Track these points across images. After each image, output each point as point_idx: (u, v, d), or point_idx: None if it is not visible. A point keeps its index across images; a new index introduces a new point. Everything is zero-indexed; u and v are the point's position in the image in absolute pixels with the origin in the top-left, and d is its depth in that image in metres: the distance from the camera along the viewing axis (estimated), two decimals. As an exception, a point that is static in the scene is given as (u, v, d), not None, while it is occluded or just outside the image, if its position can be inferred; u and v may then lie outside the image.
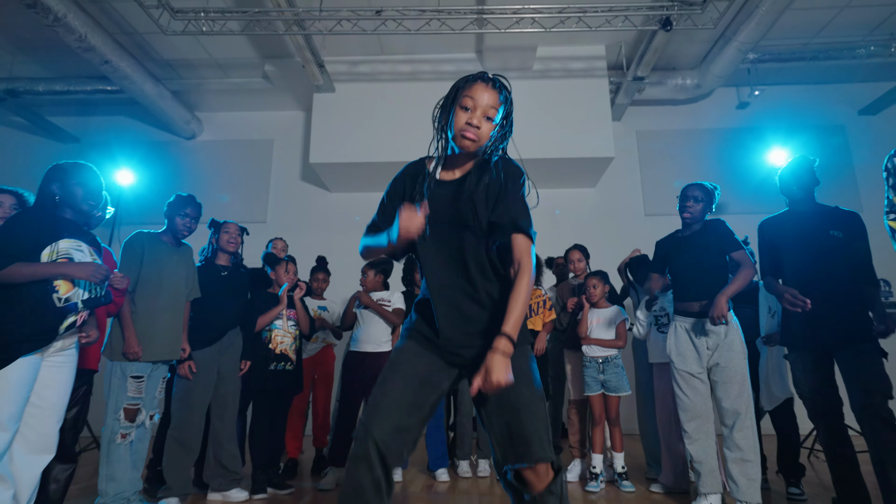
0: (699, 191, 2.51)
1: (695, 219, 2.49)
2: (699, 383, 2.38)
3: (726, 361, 2.31)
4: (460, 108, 1.30)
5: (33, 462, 1.70)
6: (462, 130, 1.29)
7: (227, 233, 2.89)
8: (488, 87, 1.30)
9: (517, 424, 1.19)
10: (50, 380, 1.73)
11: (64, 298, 1.71)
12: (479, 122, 1.28)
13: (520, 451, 1.18)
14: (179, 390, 2.62)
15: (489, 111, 1.29)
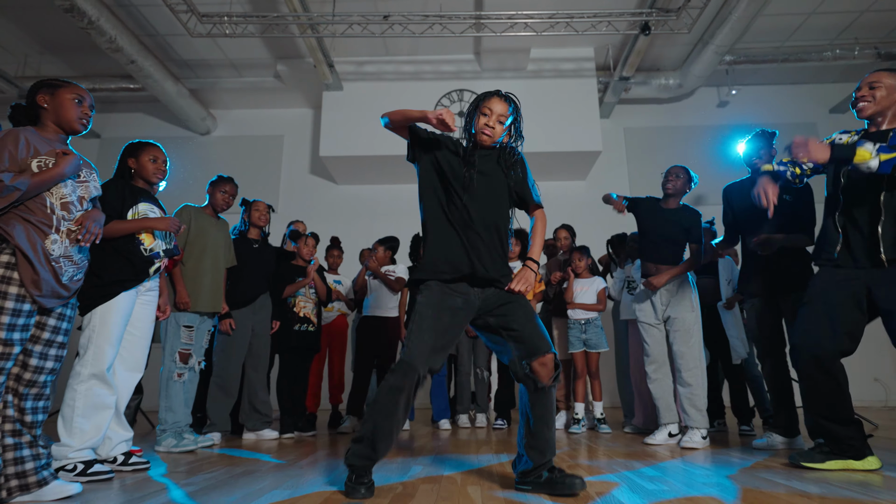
0: (682, 170, 2.96)
1: (676, 190, 2.92)
2: (657, 332, 2.84)
3: (677, 314, 2.76)
4: (481, 114, 1.78)
5: (129, 378, 2.14)
6: (481, 129, 1.77)
7: (258, 210, 3.33)
8: (501, 100, 1.78)
9: (530, 329, 1.66)
10: (141, 313, 2.16)
11: (149, 249, 2.14)
12: (493, 124, 1.75)
13: (534, 347, 1.63)
14: (220, 343, 3.05)
15: (501, 118, 1.76)
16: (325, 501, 1.52)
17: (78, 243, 1.67)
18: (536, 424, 1.66)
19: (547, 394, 1.66)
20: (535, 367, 1.63)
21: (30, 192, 1.57)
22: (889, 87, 2.00)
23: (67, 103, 1.75)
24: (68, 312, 1.70)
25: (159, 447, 2.59)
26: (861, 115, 2.07)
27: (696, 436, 2.58)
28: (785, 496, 1.56)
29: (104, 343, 1.93)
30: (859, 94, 2.06)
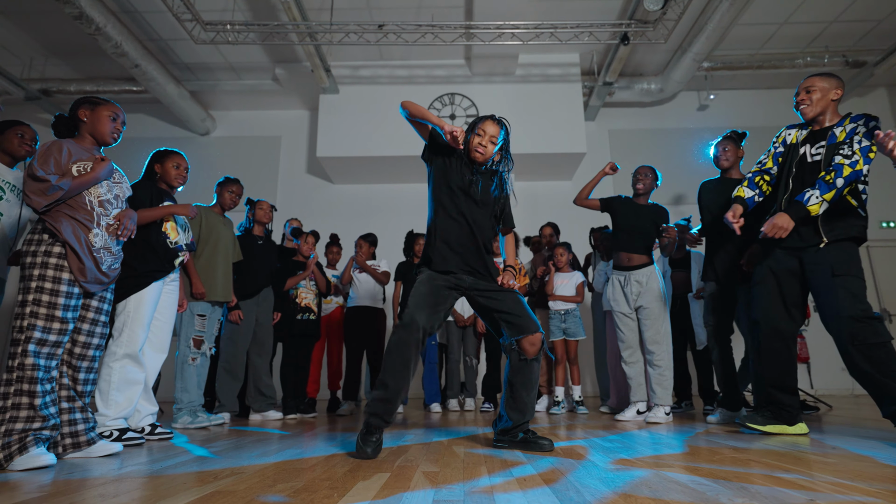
0: (649, 170, 3.26)
1: (646, 189, 3.22)
2: (629, 321, 3.14)
3: (646, 303, 3.06)
4: (475, 135, 2.04)
5: (156, 358, 2.42)
6: (475, 148, 2.03)
7: (262, 209, 3.60)
8: (494, 123, 2.05)
9: (518, 310, 1.95)
10: (166, 301, 2.44)
11: (174, 242, 2.42)
12: (486, 143, 2.02)
13: (522, 326, 1.92)
14: (227, 332, 3.32)
15: (493, 139, 2.03)
16: (329, 458, 1.79)
17: (117, 237, 1.94)
18: (518, 389, 1.94)
19: (530, 365, 1.94)
20: (523, 345, 1.92)
21: (71, 191, 1.83)
22: (822, 89, 2.31)
23: (104, 119, 2.01)
24: (108, 296, 1.97)
25: (176, 424, 2.86)
26: (805, 117, 2.37)
27: (660, 412, 2.89)
28: (726, 451, 1.86)
29: (137, 327, 2.20)
30: (799, 99, 2.36)
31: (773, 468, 1.48)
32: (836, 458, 1.65)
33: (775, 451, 1.81)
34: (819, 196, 2.15)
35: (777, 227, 2.20)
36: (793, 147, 2.39)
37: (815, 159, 2.29)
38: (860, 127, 2.21)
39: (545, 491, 1.22)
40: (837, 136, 2.25)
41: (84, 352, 1.86)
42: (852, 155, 2.14)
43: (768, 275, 2.34)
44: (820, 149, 2.29)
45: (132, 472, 1.53)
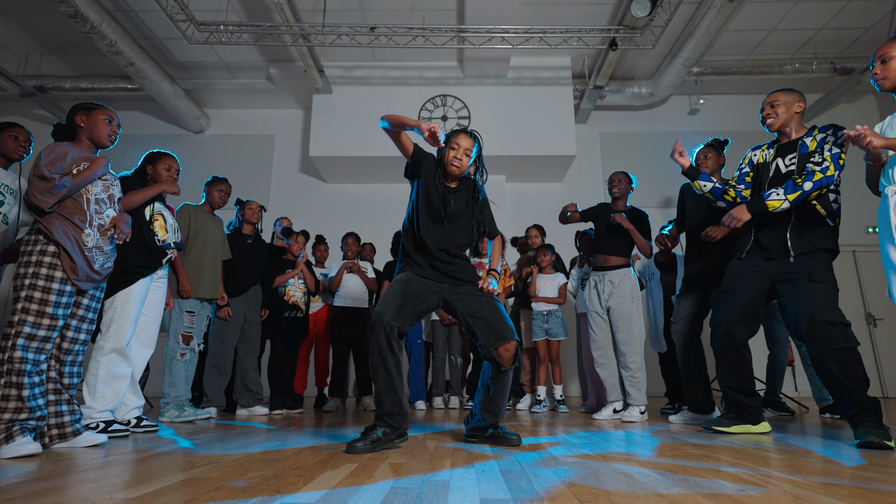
0: (623, 175, 3.34)
1: (621, 192, 3.31)
2: (601, 321, 3.22)
3: (617, 304, 3.14)
4: (450, 149, 2.11)
5: (143, 353, 2.50)
6: (450, 162, 2.10)
7: (251, 209, 3.67)
8: (467, 136, 2.11)
9: (496, 319, 2.01)
10: (153, 297, 2.52)
11: (162, 240, 2.49)
12: (461, 156, 2.09)
13: (498, 334, 1.98)
14: (215, 328, 3.40)
15: (467, 151, 2.10)
16: (304, 450, 1.87)
17: (113, 239, 2.02)
18: (494, 395, 2.03)
19: (507, 374, 2.02)
20: (499, 352, 1.98)
21: (73, 188, 1.91)
22: (786, 102, 2.40)
23: (100, 123, 2.09)
24: (98, 294, 2.04)
25: (163, 417, 2.94)
26: (771, 129, 2.46)
27: (634, 412, 2.97)
28: (687, 447, 1.94)
29: (124, 322, 2.28)
30: (764, 114, 2.45)
31: (720, 462, 1.57)
32: (784, 454, 1.74)
33: (733, 448, 1.90)
34: (782, 194, 2.22)
35: (732, 216, 2.29)
36: (763, 165, 2.47)
37: (789, 169, 2.36)
38: (829, 136, 2.29)
39: (499, 480, 1.30)
40: (808, 145, 2.33)
41: (71, 346, 1.93)
42: (823, 162, 2.22)
43: (734, 285, 2.43)
44: (793, 160, 2.36)
45: (113, 461, 1.60)
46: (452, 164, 2.09)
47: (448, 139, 2.13)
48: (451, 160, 2.09)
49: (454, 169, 2.09)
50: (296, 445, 1.96)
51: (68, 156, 1.92)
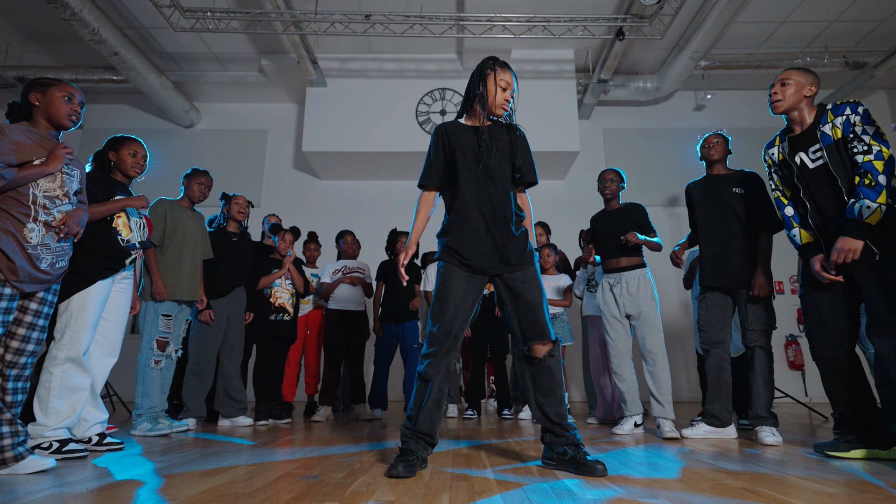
0: (613, 173, 3.11)
1: (613, 193, 3.08)
2: (620, 326, 2.97)
3: (640, 308, 2.89)
4: (500, 88, 1.83)
5: (105, 361, 2.24)
6: (502, 104, 1.84)
7: (237, 204, 3.42)
8: (509, 71, 1.87)
9: (535, 315, 1.77)
10: (116, 300, 2.26)
11: (125, 240, 2.24)
12: (509, 98, 1.85)
13: (537, 332, 1.76)
14: (196, 332, 3.15)
15: (512, 89, 1.86)
16: (279, 480, 1.63)
17: (60, 238, 1.78)
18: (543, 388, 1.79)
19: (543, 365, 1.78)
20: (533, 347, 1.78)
21: (14, 182, 1.66)
22: (798, 83, 2.15)
23: (57, 101, 1.85)
24: (49, 297, 1.80)
25: (135, 431, 2.69)
26: (775, 111, 2.22)
27: (667, 425, 2.70)
28: (708, 471, 1.71)
29: (81, 328, 2.03)
30: (771, 92, 2.21)
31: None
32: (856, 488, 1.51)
33: (759, 475, 1.67)
34: (872, 202, 1.93)
35: (847, 251, 1.96)
36: (782, 163, 2.24)
37: (817, 165, 2.12)
38: (853, 116, 2.05)
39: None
40: (830, 134, 2.09)
41: (15, 359, 1.68)
42: (870, 147, 1.97)
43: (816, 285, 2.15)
44: (818, 153, 2.12)
45: (50, 497, 1.36)
46: (503, 107, 1.84)
47: (483, 75, 1.84)
48: (500, 103, 1.83)
49: (502, 111, 1.85)
50: (271, 472, 1.72)
51: (10, 143, 1.67)
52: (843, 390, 2.08)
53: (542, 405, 1.81)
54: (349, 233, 4.10)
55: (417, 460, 1.68)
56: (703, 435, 2.64)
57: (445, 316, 1.75)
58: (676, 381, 3.91)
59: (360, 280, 3.86)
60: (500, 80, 1.83)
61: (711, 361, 2.71)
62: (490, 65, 1.87)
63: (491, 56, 1.91)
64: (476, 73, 1.89)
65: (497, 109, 1.84)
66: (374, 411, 3.69)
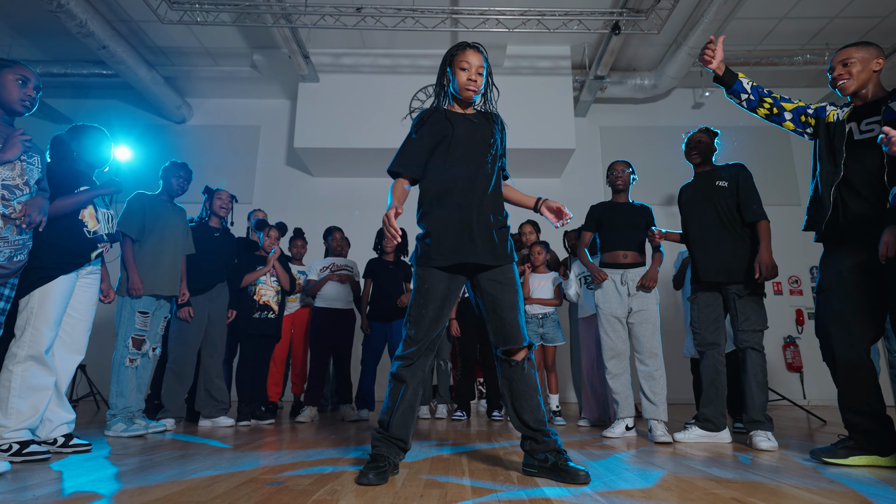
0: (625, 164, 3.03)
1: (625, 183, 2.99)
2: (619, 326, 2.88)
3: (643, 306, 2.81)
4: (460, 70, 1.77)
5: (70, 360, 2.14)
6: (466, 85, 1.77)
7: (220, 199, 3.33)
8: (475, 52, 1.79)
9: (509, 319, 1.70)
10: (82, 296, 2.16)
11: (92, 232, 2.14)
12: (475, 77, 1.77)
13: (507, 337, 1.70)
14: (176, 330, 3.06)
15: (479, 70, 1.78)
16: (249, 481, 1.54)
17: (20, 229, 1.69)
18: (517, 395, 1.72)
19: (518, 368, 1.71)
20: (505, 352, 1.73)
21: None
22: (862, 59, 2.02)
23: (10, 84, 1.76)
24: (6, 292, 1.71)
25: (109, 431, 2.60)
26: (845, 92, 2.07)
27: (660, 428, 2.61)
28: (699, 480, 1.62)
29: (42, 325, 1.94)
30: (835, 74, 2.07)
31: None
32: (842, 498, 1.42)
33: (752, 483, 1.58)
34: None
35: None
36: (835, 126, 2.09)
37: (864, 136, 1.99)
38: None
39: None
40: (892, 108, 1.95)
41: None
42: None
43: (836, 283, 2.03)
44: (872, 124, 1.98)
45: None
46: (468, 88, 1.76)
47: (450, 60, 1.80)
48: (465, 84, 1.76)
49: (470, 93, 1.77)
50: (235, 477, 1.63)
51: None
52: (860, 395, 1.96)
53: (519, 412, 1.73)
54: (338, 230, 4.01)
55: (389, 466, 1.59)
56: (696, 439, 2.55)
57: (424, 321, 1.68)
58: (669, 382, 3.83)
59: (348, 277, 3.79)
60: (460, 62, 1.77)
61: (707, 364, 2.62)
62: (452, 50, 1.81)
63: (459, 42, 1.84)
64: (442, 62, 1.84)
65: (463, 91, 1.78)
66: (361, 412, 3.60)
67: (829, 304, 2.04)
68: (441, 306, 1.70)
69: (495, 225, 1.75)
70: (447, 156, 1.76)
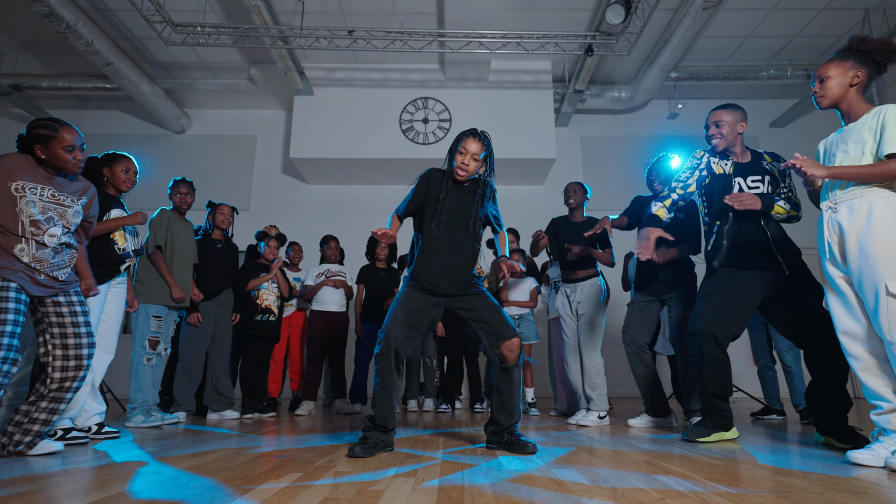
0: (578, 185, 3.40)
1: (577, 203, 3.37)
2: (573, 324, 3.29)
3: (585, 310, 3.21)
4: (458, 153, 2.12)
5: (103, 359, 2.49)
6: (457, 168, 2.12)
7: (222, 213, 3.67)
8: (476, 140, 2.12)
9: (495, 319, 2.05)
10: (112, 302, 2.51)
11: (121, 249, 2.49)
12: (468, 162, 2.10)
13: (499, 334, 2.03)
14: (186, 333, 3.40)
15: (475, 156, 2.11)
16: (262, 455, 1.89)
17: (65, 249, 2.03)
18: (505, 395, 2.08)
19: (513, 372, 2.06)
20: (503, 352, 2.04)
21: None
22: (729, 122, 2.40)
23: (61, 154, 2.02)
24: (74, 298, 2.06)
25: (129, 423, 2.94)
26: (717, 149, 2.43)
27: (592, 416, 3.00)
28: (635, 454, 1.99)
29: (82, 329, 2.28)
30: (710, 133, 2.44)
31: (657, 471, 1.61)
32: (722, 461, 1.79)
33: (678, 456, 1.95)
34: (787, 205, 2.29)
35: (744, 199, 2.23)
36: (723, 178, 2.44)
37: (753, 191, 2.37)
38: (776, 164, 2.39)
39: (433, 494, 1.33)
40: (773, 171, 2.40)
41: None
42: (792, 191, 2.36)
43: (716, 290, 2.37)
44: (756, 182, 2.37)
45: (62, 472, 1.61)
46: (459, 170, 2.11)
47: (456, 143, 2.14)
48: (458, 166, 2.11)
49: (461, 175, 2.12)
50: (257, 450, 1.98)
51: None
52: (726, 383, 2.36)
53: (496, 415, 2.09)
54: (333, 239, 4.35)
55: (375, 444, 1.94)
56: (646, 424, 2.93)
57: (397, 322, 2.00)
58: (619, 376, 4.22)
59: (342, 283, 4.13)
60: (462, 147, 2.11)
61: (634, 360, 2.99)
62: (460, 135, 2.15)
63: (469, 129, 2.16)
64: (454, 140, 2.17)
65: (455, 172, 2.12)
66: (354, 406, 3.95)
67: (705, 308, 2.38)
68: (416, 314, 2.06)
69: (465, 278, 2.11)
70: (431, 216, 2.13)
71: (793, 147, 7.33)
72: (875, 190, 1.74)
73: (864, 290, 1.72)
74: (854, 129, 1.84)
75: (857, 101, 1.88)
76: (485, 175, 2.19)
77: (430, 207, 2.14)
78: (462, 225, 2.13)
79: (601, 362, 3.14)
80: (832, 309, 1.88)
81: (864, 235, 1.72)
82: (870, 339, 1.76)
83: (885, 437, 1.70)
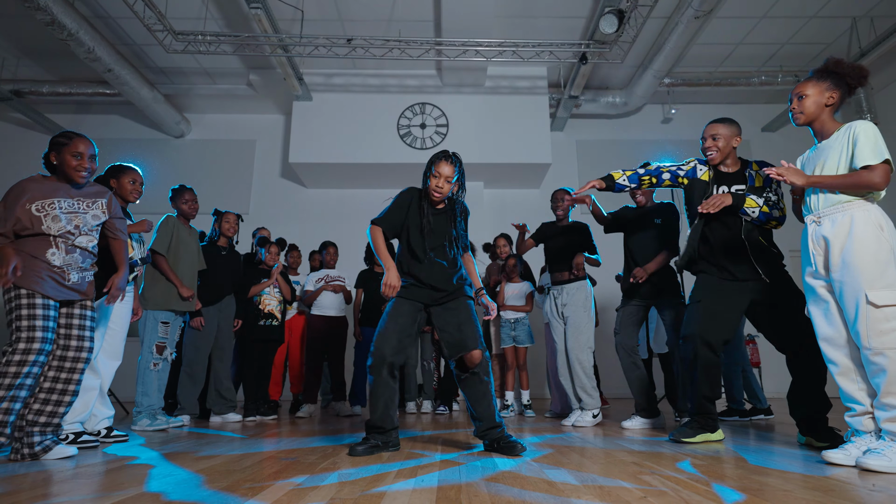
0: (564, 192, 3.50)
1: (565, 211, 3.47)
2: (561, 328, 3.39)
3: (570, 313, 3.31)
4: (432, 176, 2.21)
5: (111, 364, 2.57)
6: (432, 191, 2.21)
7: (228, 221, 3.75)
8: (448, 163, 2.21)
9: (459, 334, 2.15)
10: (120, 309, 2.59)
11: (129, 258, 2.57)
12: (442, 185, 2.20)
13: (458, 345, 2.14)
14: (190, 337, 3.48)
15: (448, 178, 2.20)
16: (268, 458, 1.98)
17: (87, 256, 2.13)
18: (471, 401, 2.18)
19: (472, 379, 2.16)
20: (465, 360, 2.15)
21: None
22: (725, 136, 2.51)
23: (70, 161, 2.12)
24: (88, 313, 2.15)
25: (135, 426, 3.02)
26: (713, 162, 2.53)
27: (587, 416, 3.11)
28: (624, 455, 2.08)
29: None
30: (706, 145, 2.55)
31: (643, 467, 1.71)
32: (705, 460, 1.89)
33: (667, 455, 2.05)
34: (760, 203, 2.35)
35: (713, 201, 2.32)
36: (704, 183, 2.55)
37: None
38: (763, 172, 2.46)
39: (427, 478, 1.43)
40: (754, 178, 2.47)
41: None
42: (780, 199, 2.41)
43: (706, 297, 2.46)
44: (740, 191, 2.45)
45: (78, 474, 1.70)
46: (434, 193, 2.21)
47: (430, 166, 2.23)
48: (433, 189, 2.21)
49: (436, 196, 2.23)
50: (257, 457, 2.07)
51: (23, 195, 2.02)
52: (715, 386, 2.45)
53: (477, 416, 2.18)
54: (332, 245, 4.43)
55: (376, 445, 2.04)
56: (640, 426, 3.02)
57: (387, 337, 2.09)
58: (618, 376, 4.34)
59: (341, 288, 4.22)
60: (435, 171, 2.21)
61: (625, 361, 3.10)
62: (433, 158, 2.25)
63: (440, 151, 2.26)
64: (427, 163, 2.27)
65: (429, 194, 2.23)
66: (354, 408, 4.04)
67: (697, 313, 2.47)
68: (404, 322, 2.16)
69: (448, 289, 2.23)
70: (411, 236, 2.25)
71: (784, 150, 7.46)
72: (856, 204, 1.85)
73: (845, 298, 1.81)
74: (827, 147, 1.94)
75: (829, 120, 1.98)
76: (458, 195, 2.31)
77: (413, 228, 2.25)
78: (439, 244, 2.25)
79: (590, 363, 3.23)
80: (813, 317, 1.98)
81: (847, 247, 1.82)
82: (848, 346, 1.86)
83: (857, 437, 1.81)
